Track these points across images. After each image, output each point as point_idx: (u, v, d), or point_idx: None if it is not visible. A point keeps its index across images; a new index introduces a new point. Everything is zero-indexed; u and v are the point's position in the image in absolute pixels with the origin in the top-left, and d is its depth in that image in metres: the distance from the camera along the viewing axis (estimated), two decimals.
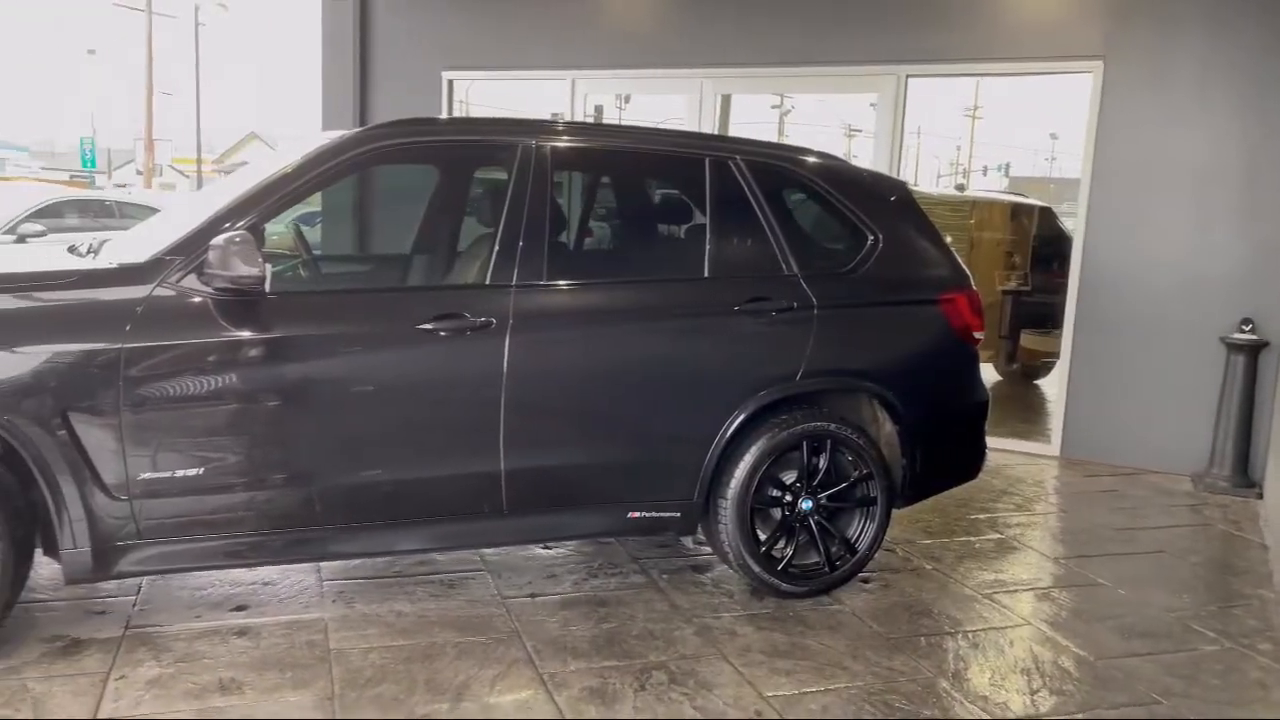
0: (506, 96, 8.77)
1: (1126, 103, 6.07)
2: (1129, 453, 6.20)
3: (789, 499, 3.78)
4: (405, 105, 7.69)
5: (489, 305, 3.36)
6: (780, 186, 3.93)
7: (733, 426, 3.63)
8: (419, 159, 4.16)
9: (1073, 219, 7.60)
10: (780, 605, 3.77)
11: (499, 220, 3.49)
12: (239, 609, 3.50)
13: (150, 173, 38.10)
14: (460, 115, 8.04)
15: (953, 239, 4.23)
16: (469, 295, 3.48)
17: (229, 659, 3.12)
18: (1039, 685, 3.26)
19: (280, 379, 3.15)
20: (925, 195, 6.44)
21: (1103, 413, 6.26)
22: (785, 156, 4.00)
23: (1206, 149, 5.90)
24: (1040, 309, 8.43)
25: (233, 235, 2.98)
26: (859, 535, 3.88)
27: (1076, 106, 6.43)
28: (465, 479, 3.42)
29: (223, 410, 3.09)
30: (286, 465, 3.19)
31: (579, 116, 7.67)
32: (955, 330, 4.02)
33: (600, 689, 3.06)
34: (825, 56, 6.80)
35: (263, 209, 3.20)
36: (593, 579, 3.96)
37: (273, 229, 3.53)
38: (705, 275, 3.72)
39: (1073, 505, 5.49)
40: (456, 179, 4.48)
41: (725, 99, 7.46)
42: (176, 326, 3.02)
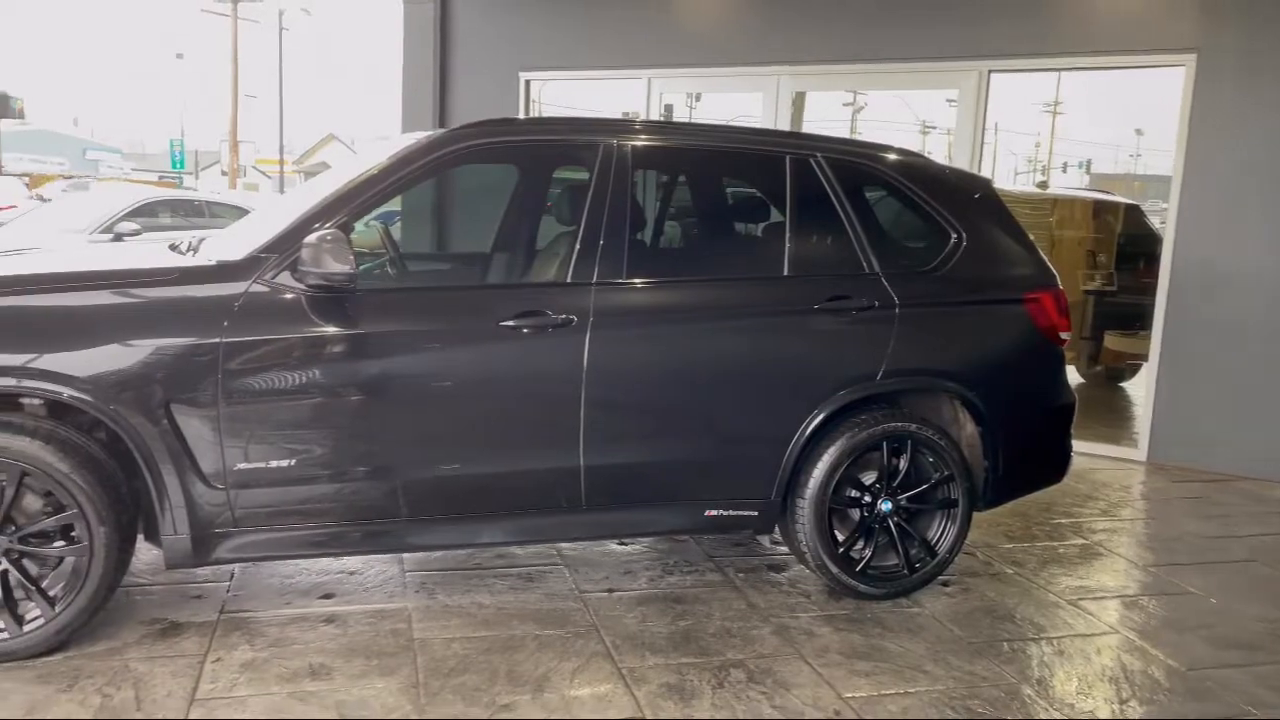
0: (578, 96, 8.83)
1: (1220, 97, 5.86)
2: (1220, 458, 5.99)
3: (868, 500, 3.75)
4: (482, 106, 7.80)
5: (570, 303, 3.40)
6: (861, 184, 3.90)
7: (811, 426, 3.61)
8: (504, 158, 4.22)
9: (1159, 217, 7.38)
10: (858, 607, 3.74)
11: (580, 219, 3.53)
12: (326, 597, 3.60)
13: (234, 173, 39.30)
14: (539, 115, 8.13)
15: (1033, 238, 4.13)
16: (550, 293, 3.53)
17: (318, 645, 3.22)
18: (1128, 694, 3.18)
19: (367, 374, 3.23)
20: (1004, 193, 6.31)
21: (1193, 417, 6.07)
22: (866, 154, 3.96)
23: None
24: (1126, 309, 8.20)
25: (325, 233, 3.07)
26: (939, 538, 3.83)
27: (1165, 101, 6.23)
28: (544, 474, 3.47)
29: (313, 404, 3.18)
30: (372, 458, 3.28)
31: (654, 115, 7.69)
32: (1041, 330, 3.93)
33: (678, 685, 3.08)
34: (905, 52, 6.71)
35: (353, 208, 3.29)
36: (668, 576, 3.98)
37: (359, 227, 3.62)
38: (785, 273, 3.71)
39: (1160, 511, 5.33)
40: (537, 178, 4.53)
41: (799, 96, 7.41)
42: (271, 322, 3.12)
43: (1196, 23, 5.90)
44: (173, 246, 3.71)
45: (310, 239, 3.06)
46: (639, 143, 3.67)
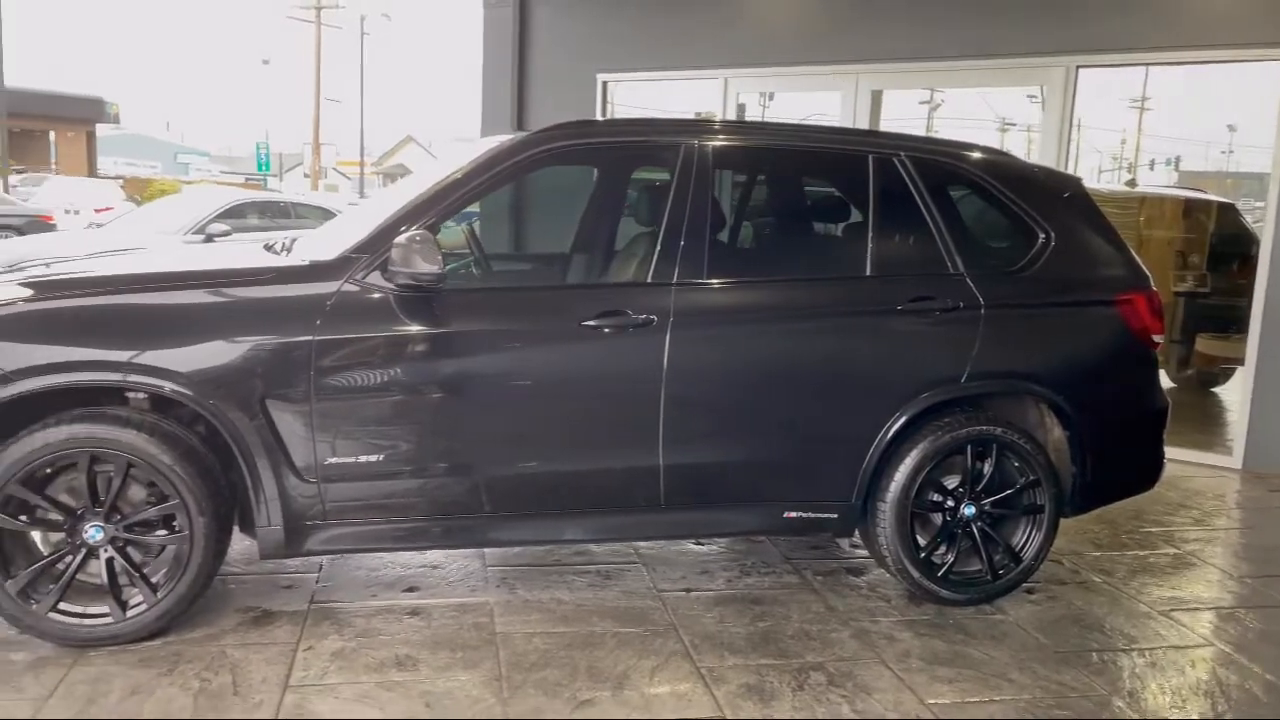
0: (651, 97, 8.86)
1: None
2: None
3: (951, 504, 3.69)
4: (559, 107, 7.88)
5: (650, 303, 3.42)
6: (946, 183, 3.83)
7: (894, 428, 3.57)
8: (587, 160, 4.26)
9: (1255, 215, 7.10)
10: (940, 612, 3.68)
11: (661, 219, 3.54)
12: (410, 590, 3.68)
13: (316, 175, 40.33)
14: (618, 117, 8.17)
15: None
16: (631, 293, 3.55)
17: (404, 636, 3.29)
18: (1224, 709, 3.08)
19: (452, 372, 3.30)
20: (1090, 191, 6.15)
21: None
22: (951, 153, 3.90)
23: None
24: (1219, 311, 7.90)
25: (414, 234, 3.14)
26: (1024, 544, 3.75)
27: (1261, 96, 6.00)
28: (624, 473, 3.49)
29: (400, 400, 3.25)
30: (456, 454, 3.34)
31: (729, 115, 7.68)
32: (1133, 332, 3.83)
33: (758, 686, 3.07)
34: (988, 49, 6.59)
35: (441, 209, 3.35)
36: (746, 577, 3.97)
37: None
38: (867, 274, 3.67)
39: (1257, 521, 5.13)
40: (617, 179, 4.57)
41: (876, 95, 7.32)
42: (361, 320, 3.20)
43: None
44: (267, 247, 3.83)
45: (400, 240, 3.13)
46: (720, 143, 3.67)
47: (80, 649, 3.07)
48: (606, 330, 3.37)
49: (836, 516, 3.66)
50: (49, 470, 3.04)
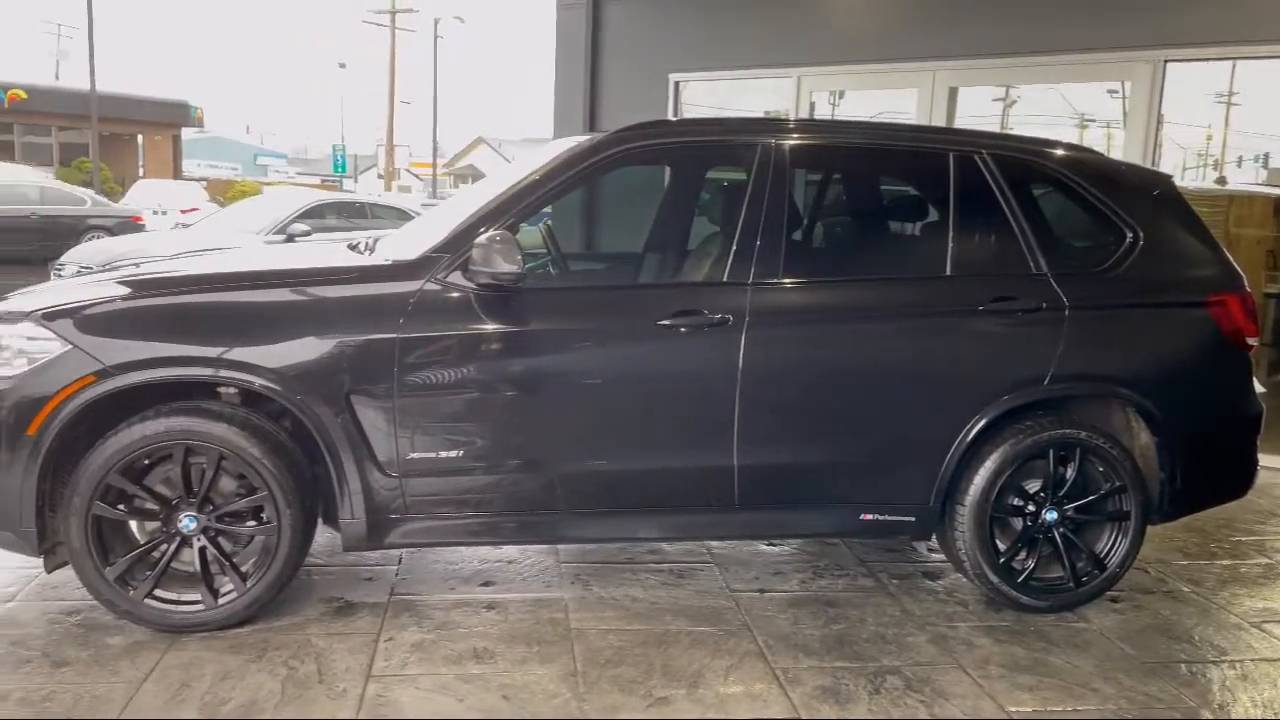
0: (720, 97, 8.82)
1: None
2: None
3: (1032, 509, 3.62)
4: (631, 108, 7.90)
5: (726, 302, 3.42)
6: (1029, 181, 3.76)
7: (973, 431, 3.51)
8: (664, 159, 4.26)
9: None
10: (1020, 619, 3.61)
11: (737, 218, 3.54)
12: (487, 584, 3.73)
13: (389, 176, 41.10)
14: (693, 116, 8.17)
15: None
16: (707, 292, 3.56)
17: (481, 630, 3.34)
18: None
19: (530, 370, 3.34)
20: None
21: None
22: (1035, 150, 3.82)
23: None
24: None
25: (494, 234, 3.19)
26: (1109, 551, 3.66)
27: None
28: (698, 472, 3.49)
29: (479, 397, 3.30)
30: (533, 451, 3.38)
31: (803, 114, 7.62)
32: (1225, 335, 3.70)
33: (833, 689, 3.05)
34: (1072, 43, 6.43)
35: (520, 209, 3.40)
36: (819, 579, 3.94)
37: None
38: (947, 273, 3.62)
39: None
40: (691, 178, 4.57)
41: (952, 92, 7.20)
42: (442, 318, 3.26)
43: None
44: (351, 246, 3.92)
45: (481, 239, 3.18)
46: (798, 141, 3.65)
47: (174, 634, 3.18)
48: (682, 330, 3.38)
49: (914, 520, 3.61)
50: (146, 461, 3.16)
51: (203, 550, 3.21)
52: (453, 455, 3.31)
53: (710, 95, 8.68)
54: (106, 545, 3.17)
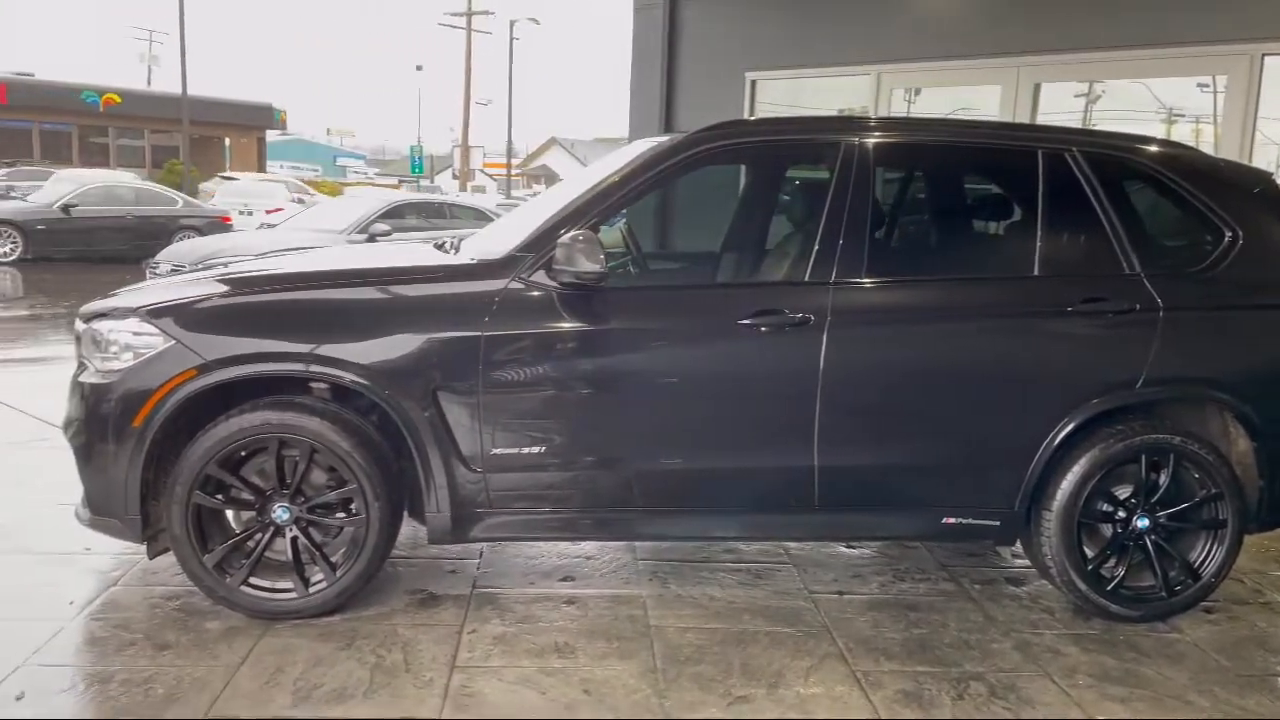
0: (795, 95, 8.76)
1: None
2: None
3: (1122, 515, 3.53)
4: (707, 107, 7.91)
5: (807, 302, 3.40)
6: (1122, 179, 3.65)
7: (1061, 435, 3.44)
8: (747, 159, 4.25)
9: None
10: (1109, 628, 3.52)
11: (819, 217, 3.51)
12: (566, 579, 3.78)
13: (464, 176, 41.71)
14: (772, 116, 8.14)
15: None
16: (788, 292, 3.54)
17: (561, 624, 3.39)
18: None
19: (611, 368, 3.37)
20: None
21: None
22: (1127, 147, 3.72)
23: None
24: None
25: (578, 234, 3.22)
26: (1204, 560, 3.55)
27: None
28: (777, 472, 3.48)
29: (562, 395, 3.34)
30: (614, 448, 3.41)
31: (882, 111, 7.53)
32: None
33: (915, 693, 3.02)
34: (1163, 37, 6.24)
35: (603, 209, 3.43)
36: (900, 582, 3.90)
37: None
38: (1035, 273, 3.54)
39: None
40: (771, 177, 4.55)
41: (1035, 88, 7.03)
42: (526, 317, 3.31)
43: None
44: (438, 246, 4.00)
45: (564, 239, 3.22)
46: (881, 140, 3.61)
47: (267, 621, 3.29)
48: (762, 329, 3.37)
49: (998, 524, 3.55)
50: (243, 453, 3.27)
51: (294, 540, 3.31)
52: (535, 451, 3.36)
53: (785, 93, 8.63)
54: (205, 534, 3.29)
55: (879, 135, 3.62)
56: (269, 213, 16.82)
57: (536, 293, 3.32)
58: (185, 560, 3.27)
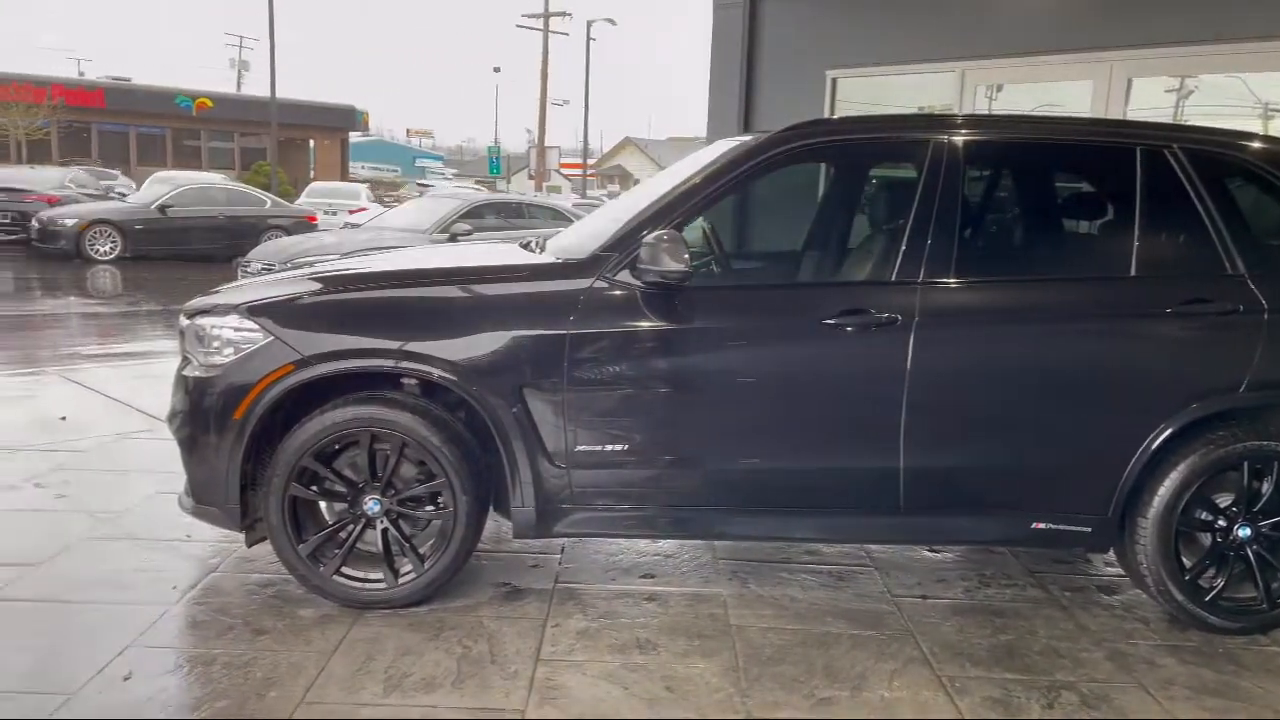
0: (875, 93, 8.64)
1: None
2: None
3: (1223, 524, 3.41)
4: (787, 106, 7.85)
5: (894, 301, 3.36)
6: (1225, 177, 3.53)
7: (1158, 440, 3.34)
8: (831, 158, 4.21)
9: None
10: (1206, 640, 3.41)
11: (907, 216, 3.47)
12: (646, 576, 3.80)
13: (540, 177, 42.12)
14: (856, 115, 8.05)
15: None
16: (874, 291, 3.50)
17: (643, 621, 3.41)
18: None
19: (694, 367, 3.38)
20: None
21: None
22: (1231, 143, 3.59)
23: None
24: None
25: (662, 233, 3.24)
26: None
27: None
28: (862, 473, 3.45)
29: (646, 393, 3.36)
30: (700, 446, 3.42)
31: (968, 108, 7.39)
32: None
33: (1003, 700, 2.97)
34: (1262, 30, 5.99)
35: (687, 209, 3.44)
36: (986, 587, 3.83)
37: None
38: (1132, 274, 3.45)
39: None
40: (854, 176, 4.51)
41: (1128, 83, 6.82)
42: (611, 315, 3.34)
43: None
44: (525, 245, 4.06)
45: (649, 238, 3.24)
46: (970, 137, 3.55)
47: (358, 610, 3.38)
48: (848, 329, 3.34)
49: (1090, 531, 3.46)
50: (336, 446, 3.37)
51: (385, 532, 3.39)
52: (617, 448, 3.38)
53: (865, 91, 8.53)
54: (300, 524, 3.40)
55: (967, 133, 3.56)
56: (352, 213, 17.23)
57: (621, 292, 3.34)
58: (281, 549, 3.38)
